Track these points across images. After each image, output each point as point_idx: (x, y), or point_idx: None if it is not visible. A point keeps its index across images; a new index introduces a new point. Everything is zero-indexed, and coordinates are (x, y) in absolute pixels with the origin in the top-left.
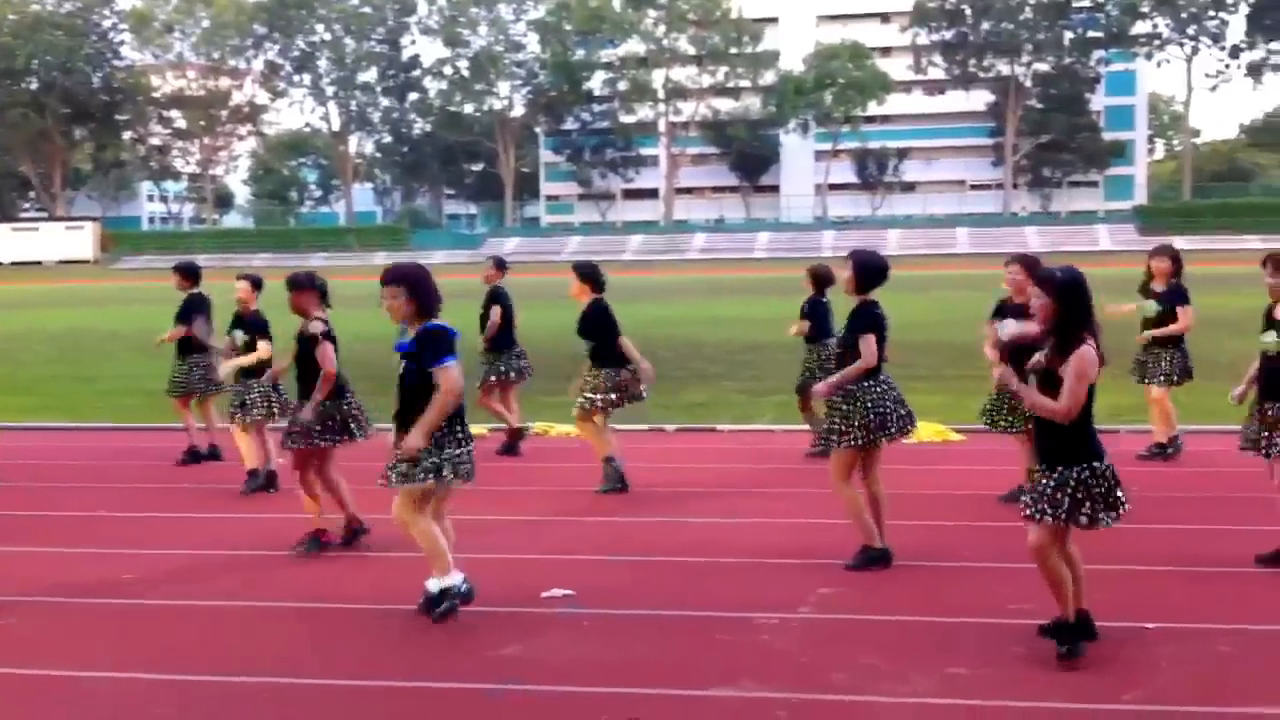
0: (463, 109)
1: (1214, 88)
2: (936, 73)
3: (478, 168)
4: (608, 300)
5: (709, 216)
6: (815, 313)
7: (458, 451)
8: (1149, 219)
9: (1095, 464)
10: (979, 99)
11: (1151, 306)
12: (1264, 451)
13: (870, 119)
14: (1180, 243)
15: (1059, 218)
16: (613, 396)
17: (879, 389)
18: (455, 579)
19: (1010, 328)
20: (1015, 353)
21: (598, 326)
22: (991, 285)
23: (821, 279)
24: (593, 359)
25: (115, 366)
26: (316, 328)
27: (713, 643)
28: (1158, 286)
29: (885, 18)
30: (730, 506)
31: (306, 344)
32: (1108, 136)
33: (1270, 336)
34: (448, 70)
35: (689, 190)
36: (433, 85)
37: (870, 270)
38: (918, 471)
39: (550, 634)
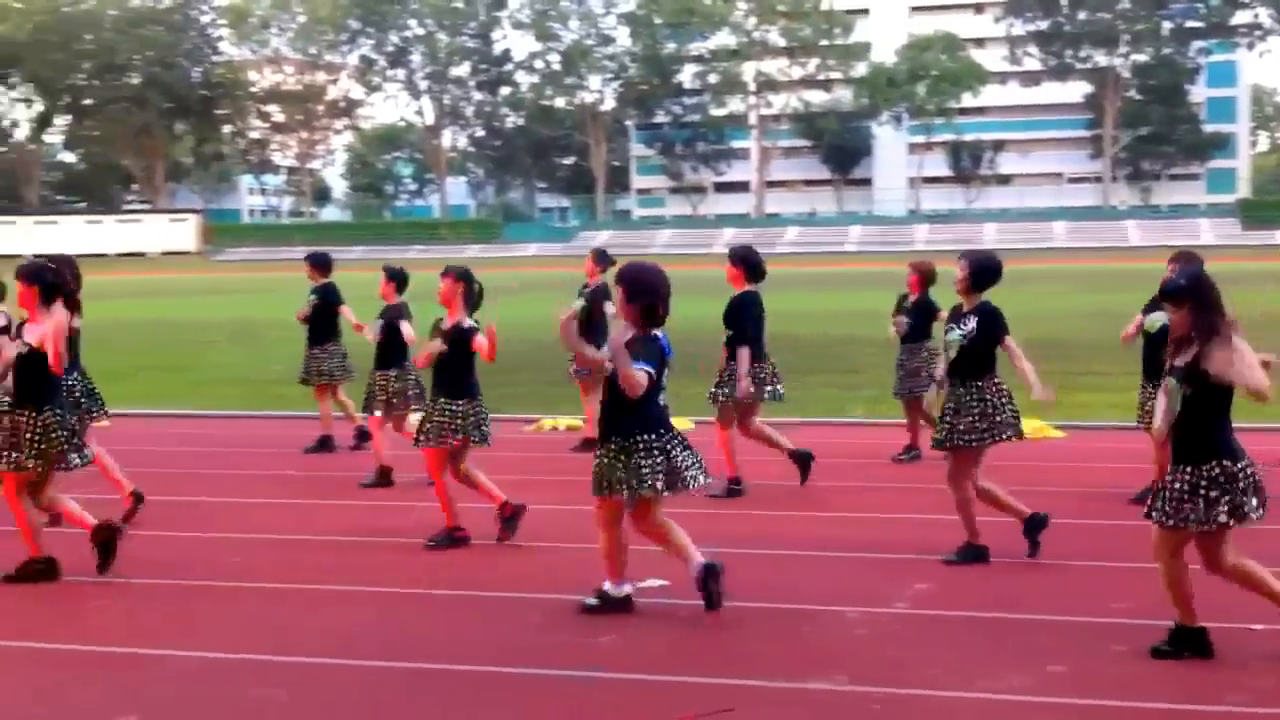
0: (554, 102)
1: None
2: (1032, 64)
3: (569, 161)
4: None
5: (800, 210)
6: (921, 311)
7: None
8: (1253, 212)
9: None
10: (1075, 90)
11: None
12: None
13: (964, 111)
14: None
15: (1160, 211)
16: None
17: (1004, 388)
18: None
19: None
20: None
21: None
22: (1091, 279)
23: (931, 276)
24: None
25: (213, 356)
26: (468, 323)
27: (801, 636)
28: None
29: (979, 8)
30: (821, 502)
31: (463, 338)
32: (1209, 129)
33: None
34: (539, 64)
35: (780, 183)
36: (524, 79)
37: (986, 271)
38: (1025, 468)
39: (647, 624)
